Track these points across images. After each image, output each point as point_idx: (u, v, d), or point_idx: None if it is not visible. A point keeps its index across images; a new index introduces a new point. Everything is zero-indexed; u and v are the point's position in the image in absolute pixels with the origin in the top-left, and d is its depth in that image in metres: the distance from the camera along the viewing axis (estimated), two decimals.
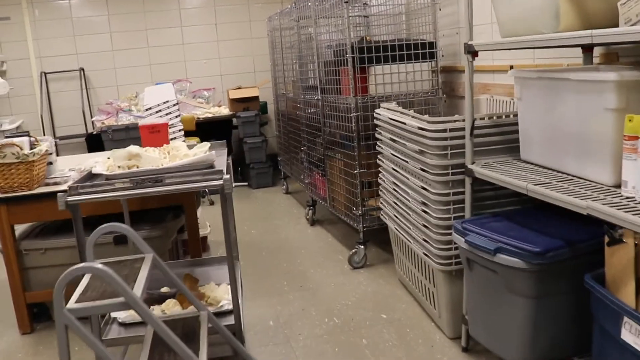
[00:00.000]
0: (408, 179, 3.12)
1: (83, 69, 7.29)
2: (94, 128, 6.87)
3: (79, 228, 2.43)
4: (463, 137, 2.69)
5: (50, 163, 3.84)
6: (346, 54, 3.92)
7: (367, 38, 4.47)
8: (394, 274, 3.91)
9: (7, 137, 3.75)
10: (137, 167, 2.66)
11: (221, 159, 2.89)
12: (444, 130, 2.71)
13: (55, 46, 7.23)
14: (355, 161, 3.96)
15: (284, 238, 4.91)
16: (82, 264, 1.85)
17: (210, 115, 6.85)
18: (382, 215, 3.77)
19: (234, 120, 6.88)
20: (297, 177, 5.82)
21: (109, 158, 2.78)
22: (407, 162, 3.12)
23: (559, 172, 2.31)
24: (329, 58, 4.33)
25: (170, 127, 4.55)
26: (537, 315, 2.20)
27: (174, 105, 4.61)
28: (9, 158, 3.41)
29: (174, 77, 7.44)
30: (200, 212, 4.76)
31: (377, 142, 3.68)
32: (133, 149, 2.66)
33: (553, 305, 2.21)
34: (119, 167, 2.67)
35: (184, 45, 7.46)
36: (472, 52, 2.55)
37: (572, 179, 2.17)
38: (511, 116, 2.79)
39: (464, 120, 2.69)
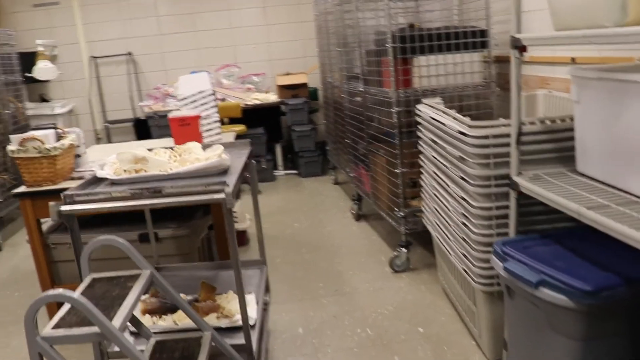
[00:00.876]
0: (448, 185, 2.82)
1: (131, 53, 7.19)
2: (143, 113, 6.78)
3: (75, 239, 2.25)
4: (508, 144, 2.37)
5: (79, 155, 3.70)
6: (387, 44, 3.60)
7: (416, 25, 4.14)
8: (437, 281, 3.62)
9: (33, 130, 3.63)
10: (145, 171, 2.46)
11: (238, 162, 2.65)
12: (486, 137, 2.39)
13: (103, 30, 7.16)
14: (397, 159, 3.67)
15: (327, 234, 4.67)
16: (53, 292, 1.66)
17: (257, 102, 6.64)
18: (424, 219, 3.47)
19: (283, 107, 6.65)
20: (343, 169, 5.55)
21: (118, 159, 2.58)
22: (447, 167, 2.81)
23: (622, 191, 1.97)
24: (371, 47, 4.02)
25: (204, 119, 4.36)
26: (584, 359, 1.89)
27: (210, 95, 4.40)
28: (31, 152, 3.28)
29: (222, 62, 7.26)
30: (239, 203, 4.56)
31: (419, 141, 3.38)
32: (139, 152, 2.46)
33: (604, 348, 1.89)
34: (124, 170, 2.48)
35: (232, 29, 7.25)
36: (520, 47, 2.22)
37: (637, 202, 1.83)
38: (567, 120, 2.44)
39: (509, 125, 2.36)
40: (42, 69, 6.42)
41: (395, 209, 3.79)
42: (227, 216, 2.15)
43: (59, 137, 3.59)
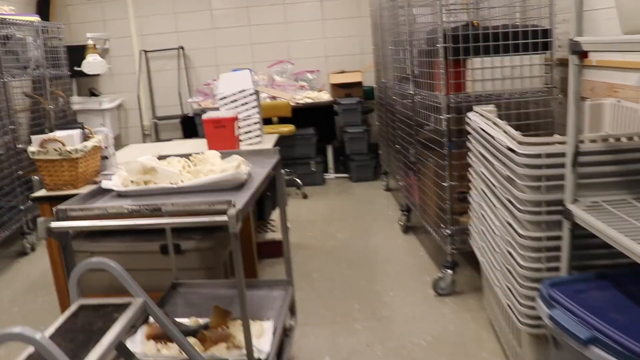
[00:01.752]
0: (495, 207, 2.47)
1: (183, 48, 7.05)
2: (192, 109, 6.63)
3: (68, 260, 2.03)
4: (564, 164, 2.01)
5: (106, 157, 3.52)
6: (438, 43, 3.27)
7: (475, 23, 3.78)
8: (484, 308, 3.26)
9: (59, 129, 3.48)
10: (154, 183, 2.22)
11: (260, 173, 2.38)
12: (538, 156, 2.04)
13: (155, 24, 7.04)
14: (445, 171, 3.33)
15: (371, 247, 4.37)
16: (14, 330, 1.43)
17: (309, 101, 6.38)
18: (470, 239, 3.13)
19: (336, 106, 6.35)
20: (393, 175, 5.22)
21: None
22: (495, 186, 2.46)
23: None
24: (423, 46, 3.69)
25: (245, 120, 4.13)
26: None
27: (251, 94, 4.17)
28: (51, 154, 3.11)
29: (275, 58, 7.03)
30: (278, 211, 4.31)
31: (469, 153, 3.04)
32: (147, 162, 2.22)
33: None
34: (132, 182, 2.25)
35: (287, 24, 7.01)
36: (580, 53, 1.86)
37: None
38: (635, 139, 2.06)
39: (565, 143, 2.01)
40: (90, 63, 6.34)
41: (442, 225, 3.45)
42: (233, 241, 1.88)
43: (86, 138, 3.43)
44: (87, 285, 3.35)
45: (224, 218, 1.82)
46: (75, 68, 6.35)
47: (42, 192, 3.18)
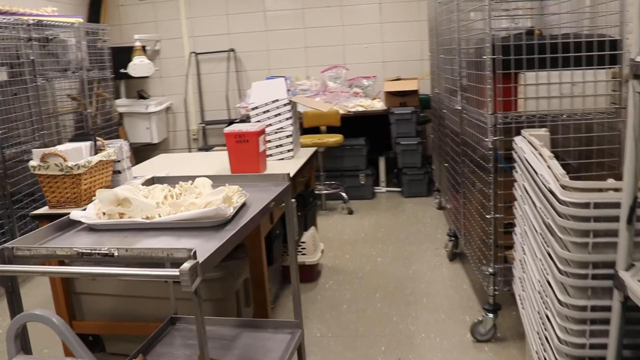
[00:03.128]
0: (536, 255, 2.04)
1: (234, 50, 6.80)
2: (239, 115, 6.37)
3: (15, 308, 1.74)
4: (617, 218, 1.57)
5: (118, 172, 3.26)
6: (485, 54, 2.84)
7: (537, 31, 3.32)
8: None
9: (70, 140, 3.24)
10: (129, 216, 1.92)
11: (256, 206, 2.03)
12: (586, 205, 1.61)
13: (207, 25, 6.82)
14: (489, 201, 2.90)
15: (411, 275, 3.96)
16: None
17: (361, 109, 6.00)
18: (513, 283, 2.69)
19: (390, 116, 5.94)
20: (444, 194, 4.79)
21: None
22: (536, 231, 2.04)
23: None
24: (471, 56, 3.26)
25: (277, 132, 3.81)
26: None
27: (285, 105, 3.84)
28: (52, 169, 2.87)
29: (329, 63, 6.69)
30: (310, 233, 3.96)
31: (515, 183, 2.60)
32: (121, 191, 1.91)
33: None
34: (104, 213, 1.94)
35: (343, 26, 6.65)
36: None
37: None
38: None
39: (621, 190, 1.57)
40: (137, 65, 6.17)
41: (484, 261, 3.02)
42: (195, 302, 1.56)
43: (98, 150, 3.18)
44: (93, 310, 3.09)
45: (174, 273, 1.48)
46: (122, 70, 6.19)
47: (44, 210, 2.95)
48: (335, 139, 5.49)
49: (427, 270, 4.02)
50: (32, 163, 2.88)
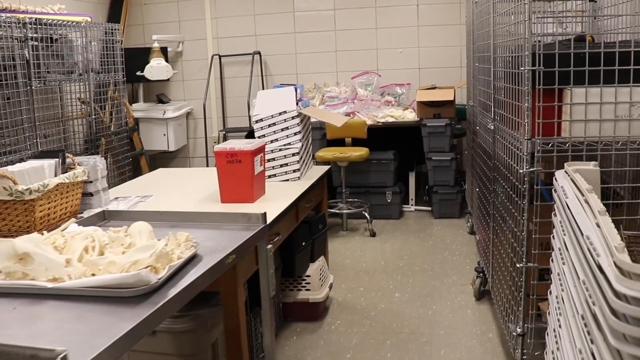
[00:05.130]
0: (574, 342, 1.51)
1: (259, 53, 6.35)
2: None
3: None
4: None
5: (90, 194, 2.82)
6: (523, 65, 2.31)
7: (589, 38, 2.77)
8: None
9: (36, 157, 2.82)
10: (33, 277, 1.46)
11: (209, 259, 1.55)
12: None
13: (231, 26, 6.40)
14: (521, 246, 2.36)
15: (430, 316, 3.43)
16: None
17: (391, 120, 5.48)
18: (545, 355, 2.15)
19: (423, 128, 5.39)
20: (475, 220, 4.23)
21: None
22: (574, 306, 1.51)
23: None
24: (506, 68, 2.72)
25: (282, 149, 3.33)
26: None
27: (293, 117, 3.37)
28: (1, 194, 2.43)
29: (361, 68, 6.19)
30: (317, 265, 3.48)
31: (553, 230, 2.06)
32: (20, 244, 1.46)
33: None
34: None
35: (377, 29, 6.14)
36: None
37: None
38: None
39: None
40: (154, 68, 5.79)
41: (511, 316, 2.48)
42: None
43: (68, 169, 2.75)
44: None
45: None
46: (138, 73, 5.81)
47: None
48: (359, 152, 4.98)
49: (450, 311, 3.48)
50: None
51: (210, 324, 2.46)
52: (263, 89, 6.41)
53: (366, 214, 5.15)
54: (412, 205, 5.71)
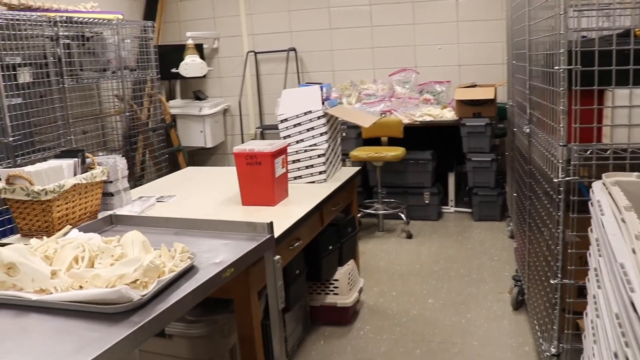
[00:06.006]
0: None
1: (295, 50, 6.24)
2: None
3: None
4: None
5: (111, 194, 2.77)
6: (557, 63, 2.14)
7: (637, 32, 2.57)
8: None
9: (57, 157, 2.77)
10: (20, 287, 1.39)
11: (205, 272, 1.45)
12: None
13: (267, 22, 6.30)
14: (556, 261, 2.20)
15: (464, 325, 3.28)
16: None
17: (429, 119, 5.31)
18: None
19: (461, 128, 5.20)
20: (515, 224, 4.05)
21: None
22: (605, 332, 1.35)
23: None
24: (541, 66, 2.54)
25: (307, 150, 3.22)
26: None
27: (319, 117, 3.26)
28: (18, 194, 2.40)
29: (398, 65, 6.02)
30: (346, 269, 3.36)
31: (590, 247, 1.90)
32: (7, 253, 1.39)
33: None
34: None
35: (415, 25, 5.96)
36: None
37: None
38: None
39: None
40: (188, 65, 5.75)
41: (545, 334, 2.32)
42: None
43: (88, 169, 2.69)
44: None
45: None
46: (173, 70, 5.78)
47: (14, 238, 2.50)
48: (395, 152, 4.83)
49: (485, 320, 3.32)
50: None
51: (227, 329, 2.38)
52: (299, 86, 6.31)
53: (403, 215, 5.00)
54: (451, 206, 5.53)
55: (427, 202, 5.27)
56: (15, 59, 3.89)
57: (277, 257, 1.78)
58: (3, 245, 2.36)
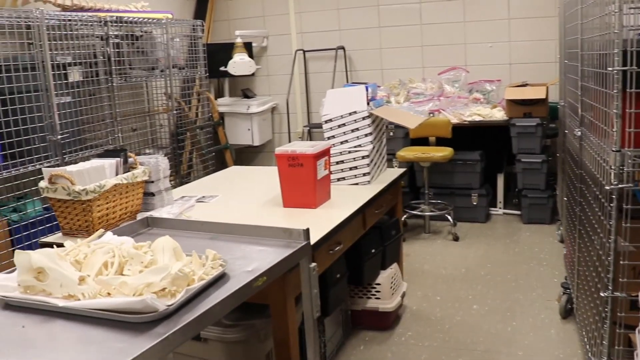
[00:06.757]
0: None
1: (343, 48, 6.20)
2: None
3: None
4: None
5: (152, 194, 2.78)
6: (611, 64, 2.04)
7: None
8: None
9: (100, 155, 2.80)
10: (49, 293, 1.39)
11: (236, 281, 1.43)
12: None
13: (316, 21, 6.27)
14: (607, 272, 2.10)
15: (509, 334, 3.18)
16: None
17: (478, 119, 5.20)
18: None
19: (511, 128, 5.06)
20: (565, 229, 3.91)
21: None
22: None
23: None
24: (594, 67, 2.43)
25: (352, 152, 3.17)
26: None
27: (364, 118, 3.22)
28: (60, 193, 2.43)
29: (448, 64, 5.90)
30: (389, 273, 3.31)
31: None
32: (37, 257, 1.39)
33: None
34: (18, 284, 1.43)
35: (465, 23, 5.83)
36: None
37: None
38: None
39: None
40: (237, 63, 5.76)
41: (594, 348, 2.22)
42: None
43: (130, 168, 2.71)
44: None
45: None
46: (222, 68, 5.81)
47: (55, 237, 2.54)
48: (442, 153, 4.74)
49: (531, 329, 3.21)
50: (41, 184, 2.47)
51: (264, 334, 2.36)
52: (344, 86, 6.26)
53: (449, 217, 4.90)
54: (500, 208, 5.39)
55: (474, 203, 5.16)
56: (66, 58, 3.95)
57: (313, 264, 1.74)
58: (45, 245, 2.41)
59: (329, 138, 3.25)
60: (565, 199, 3.43)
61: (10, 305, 1.41)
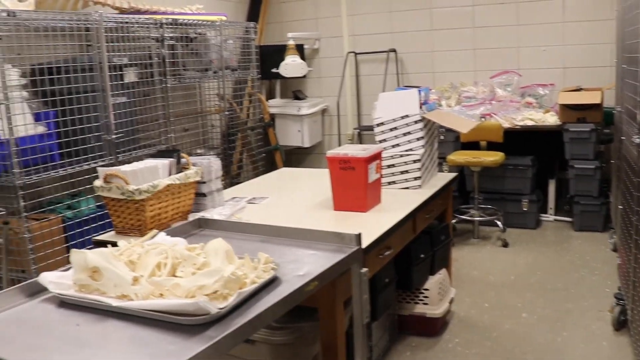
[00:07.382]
0: None
1: (395, 51, 6.18)
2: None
3: None
4: None
5: (203, 195, 2.83)
6: None
7: None
8: None
9: (153, 155, 2.86)
10: (103, 292, 1.44)
11: (288, 285, 1.45)
12: None
13: (368, 23, 6.28)
14: None
15: (559, 344, 3.13)
16: None
17: (530, 124, 5.12)
18: None
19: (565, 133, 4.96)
20: (618, 238, 3.82)
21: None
22: None
23: None
24: None
25: (403, 155, 3.18)
26: None
27: (416, 122, 3.21)
28: (114, 192, 2.50)
29: (500, 67, 5.83)
30: (437, 278, 3.30)
31: None
32: (92, 257, 1.43)
33: None
34: (73, 282, 1.48)
35: (518, 26, 5.75)
36: None
37: None
38: None
39: None
40: (288, 65, 5.78)
41: None
42: None
43: (182, 169, 2.77)
44: None
45: None
46: (273, 70, 5.86)
47: (109, 235, 2.61)
48: (493, 158, 4.69)
49: (581, 341, 3.15)
50: (96, 183, 2.54)
51: (311, 338, 2.38)
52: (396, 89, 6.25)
53: (499, 222, 4.85)
54: (550, 214, 5.30)
55: (525, 209, 5.08)
56: (122, 59, 4.06)
57: (364, 269, 1.75)
58: (98, 243, 2.48)
59: (380, 141, 3.26)
60: (621, 207, 3.35)
61: (66, 303, 1.47)
